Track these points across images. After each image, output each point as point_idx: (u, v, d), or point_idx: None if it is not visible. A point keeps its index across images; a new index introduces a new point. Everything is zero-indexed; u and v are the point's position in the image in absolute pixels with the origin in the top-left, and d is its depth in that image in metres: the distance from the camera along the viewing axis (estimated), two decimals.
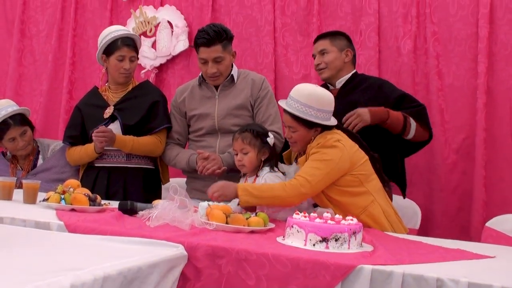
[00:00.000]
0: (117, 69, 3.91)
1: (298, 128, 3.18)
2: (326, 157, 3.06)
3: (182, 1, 5.02)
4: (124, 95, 3.98)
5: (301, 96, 3.14)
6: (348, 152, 3.10)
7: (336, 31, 3.98)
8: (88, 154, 3.90)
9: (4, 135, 4.08)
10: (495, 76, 4.10)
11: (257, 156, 3.32)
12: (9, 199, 3.43)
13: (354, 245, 2.44)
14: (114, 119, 3.92)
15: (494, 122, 4.08)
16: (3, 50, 5.61)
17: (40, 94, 5.41)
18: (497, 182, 4.08)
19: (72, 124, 4.07)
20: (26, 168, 4.17)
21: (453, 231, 4.11)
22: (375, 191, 3.18)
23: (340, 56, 3.80)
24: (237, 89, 3.81)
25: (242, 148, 3.32)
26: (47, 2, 5.47)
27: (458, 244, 2.80)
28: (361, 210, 3.11)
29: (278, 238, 2.58)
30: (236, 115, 3.77)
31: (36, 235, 2.48)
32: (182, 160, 3.81)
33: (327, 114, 3.17)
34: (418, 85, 4.27)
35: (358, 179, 3.13)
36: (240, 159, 3.34)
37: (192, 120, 3.87)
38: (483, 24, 4.08)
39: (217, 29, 3.69)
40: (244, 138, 3.32)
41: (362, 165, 3.16)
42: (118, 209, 3.05)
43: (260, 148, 3.31)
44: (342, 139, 3.13)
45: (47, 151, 4.22)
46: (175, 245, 2.35)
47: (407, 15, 4.33)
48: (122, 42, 3.91)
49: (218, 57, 3.70)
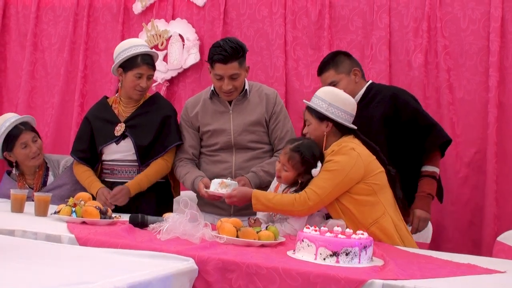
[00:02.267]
0: (134, 86, 3.87)
1: (311, 120, 3.27)
2: (337, 167, 3.08)
3: (193, 15, 5.04)
4: (135, 110, 3.95)
5: (320, 91, 3.33)
6: (363, 160, 3.11)
7: (334, 54, 3.91)
8: (89, 190, 3.85)
9: (16, 141, 4.03)
10: (506, 90, 4.09)
11: (295, 178, 3.22)
12: (21, 212, 3.44)
13: (364, 259, 2.44)
14: (125, 136, 3.89)
15: (506, 136, 4.07)
16: (16, 63, 5.64)
17: (52, 107, 5.43)
18: (508, 196, 4.06)
19: (81, 136, 4.04)
20: (36, 185, 4.12)
21: (465, 245, 4.09)
22: (387, 204, 3.18)
23: (350, 80, 3.77)
24: (251, 103, 3.79)
25: (284, 165, 3.21)
26: (60, 16, 5.51)
27: (469, 258, 2.79)
28: (372, 222, 3.10)
29: (289, 252, 2.58)
30: (252, 131, 3.75)
31: (47, 248, 2.49)
32: (188, 180, 3.75)
33: (340, 112, 3.22)
34: (429, 99, 4.26)
35: (372, 188, 3.13)
36: (278, 171, 3.25)
37: (206, 135, 3.82)
38: (494, 38, 4.08)
39: (234, 45, 3.64)
40: (291, 158, 3.17)
41: (377, 175, 3.16)
42: (129, 222, 3.06)
43: (301, 173, 3.19)
44: (357, 148, 3.14)
45: (57, 168, 4.18)
46: (186, 258, 2.35)
47: (418, 29, 4.33)
48: (142, 60, 3.86)
49: (234, 74, 3.65)
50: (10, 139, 4.05)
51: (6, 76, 5.69)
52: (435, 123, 3.74)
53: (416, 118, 3.67)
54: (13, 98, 5.61)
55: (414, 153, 3.65)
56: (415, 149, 3.63)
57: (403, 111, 3.66)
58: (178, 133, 3.90)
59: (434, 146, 3.69)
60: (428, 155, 3.69)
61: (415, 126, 3.65)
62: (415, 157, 3.66)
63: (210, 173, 3.72)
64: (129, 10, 5.26)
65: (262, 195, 3.18)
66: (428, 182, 3.66)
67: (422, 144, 3.65)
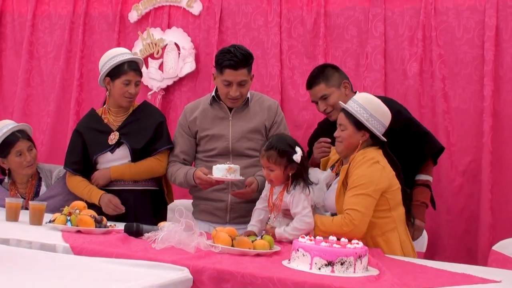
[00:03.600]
0: (122, 93, 3.88)
1: (347, 126, 3.21)
2: (364, 180, 3.06)
3: (189, 24, 5.05)
4: (126, 119, 3.96)
5: (361, 98, 3.24)
6: (387, 173, 3.12)
7: (323, 67, 3.89)
8: (90, 198, 3.85)
9: (12, 148, 4.02)
10: (501, 98, 4.11)
11: (284, 173, 3.22)
12: (16, 220, 3.43)
13: (359, 269, 2.43)
14: (119, 144, 3.89)
15: (501, 144, 4.08)
16: (12, 71, 5.64)
17: (47, 115, 5.43)
18: (503, 205, 4.07)
19: (73, 149, 4.02)
20: (28, 194, 4.09)
21: (460, 254, 4.09)
22: (398, 221, 3.18)
23: (341, 93, 3.75)
24: (251, 112, 3.80)
25: (268, 166, 3.23)
26: (56, 24, 5.51)
27: (464, 268, 2.79)
28: (379, 233, 3.11)
29: (284, 261, 2.57)
30: (250, 138, 3.75)
31: (41, 257, 2.48)
32: (180, 174, 3.75)
33: (379, 125, 3.18)
34: (424, 108, 4.27)
35: (388, 203, 3.12)
36: (267, 175, 3.27)
37: (204, 140, 3.82)
38: (489, 47, 4.10)
39: (244, 52, 3.67)
40: (269, 157, 3.20)
41: (395, 191, 3.15)
42: (124, 231, 3.05)
43: (286, 166, 3.19)
44: (381, 161, 3.14)
45: (50, 178, 4.17)
46: (181, 268, 2.35)
47: (413, 38, 4.35)
48: (129, 67, 3.88)
49: (243, 81, 3.67)
50: (6, 146, 4.04)
51: (2, 84, 5.70)
52: (428, 131, 3.76)
53: (409, 126, 3.69)
54: (8, 106, 5.61)
55: (407, 161, 3.65)
56: (408, 157, 3.63)
57: (395, 120, 3.67)
58: (169, 138, 3.94)
59: (428, 155, 3.72)
60: (422, 163, 3.72)
61: (408, 135, 3.65)
62: (407, 165, 3.67)
63: None
64: (125, 19, 5.26)
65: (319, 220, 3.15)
66: (422, 191, 3.69)
67: (416, 152, 3.67)
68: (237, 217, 3.70)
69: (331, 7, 4.59)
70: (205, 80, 4.92)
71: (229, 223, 3.64)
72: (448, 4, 4.28)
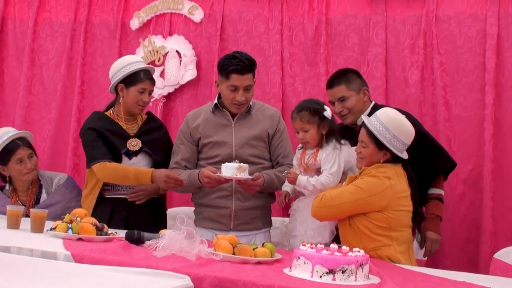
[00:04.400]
0: (136, 101, 3.87)
1: (369, 144, 3.17)
2: (363, 185, 3.06)
3: (190, 31, 5.06)
4: (140, 127, 3.97)
5: (384, 116, 3.17)
6: (392, 193, 3.06)
7: (346, 70, 3.88)
8: (138, 178, 3.74)
9: (12, 156, 4.02)
10: (502, 106, 4.12)
11: (318, 132, 3.41)
12: (17, 228, 3.43)
13: (361, 277, 2.43)
14: (137, 152, 3.88)
15: (502, 152, 4.08)
16: (13, 78, 5.65)
17: (49, 122, 5.43)
18: (505, 213, 4.07)
19: (96, 144, 3.85)
20: (28, 202, 4.09)
21: (462, 262, 4.09)
22: (398, 242, 3.10)
23: (360, 98, 3.74)
24: (253, 119, 3.80)
25: (302, 127, 3.42)
26: (57, 31, 5.52)
27: (465, 276, 2.78)
28: (369, 248, 3.00)
29: (285, 269, 2.57)
30: (253, 145, 3.74)
31: (42, 265, 2.48)
32: (183, 175, 3.69)
33: (401, 145, 3.13)
34: (425, 116, 4.27)
35: (388, 222, 3.06)
36: (302, 137, 3.43)
37: (207, 147, 3.79)
38: (490, 55, 4.10)
39: (249, 58, 3.70)
40: (302, 117, 3.41)
41: (401, 212, 3.10)
42: (125, 238, 3.05)
43: (319, 124, 3.41)
44: (392, 178, 3.08)
45: (50, 186, 4.16)
46: (182, 276, 2.34)
47: (414, 46, 4.36)
48: (145, 75, 3.88)
49: (249, 86, 3.68)
50: (6, 153, 4.04)
51: (3, 91, 5.71)
52: (442, 147, 3.79)
53: (424, 140, 3.67)
54: (10, 113, 5.61)
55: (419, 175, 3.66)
56: (420, 171, 3.63)
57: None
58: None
59: (442, 170, 3.75)
60: (434, 178, 3.74)
61: (423, 149, 3.64)
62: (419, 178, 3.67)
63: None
64: (126, 26, 5.28)
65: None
66: (436, 204, 3.71)
67: (428, 167, 3.67)
68: (241, 223, 3.69)
69: (332, 15, 4.60)
70: (206, 88, 4.92)
71: (233, 230, 3.63)
72: (449, 12, 4.29)
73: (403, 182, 3.15)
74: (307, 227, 3.37)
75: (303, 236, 3.35)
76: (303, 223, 3.41)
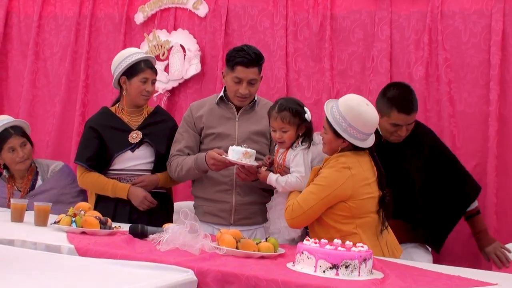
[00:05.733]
0: (140, 91, 3.89)
1: (328, 131, 3.20)
2: (324, 182, 3.08)
3: (195, 26, 5.05)
4: (145, 120, 3.98)
5: (342, 104, 3.15)
6: (354, 182, 3.09)
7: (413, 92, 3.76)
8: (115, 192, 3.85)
9: (4, 144, 4.07)
10: (507, 103, 4.10)
11: (296, 133, 3.40)
12: (21, 221, 3.44)
13: (364, 272, 2.43)
14: (140, 144, 3.90)
15: (506, 149, 4.07)
16: (17, 72, 5.65)
17: (53, 116, 5.43)
18: (509, 210, 4.06)
19: (88, 144, 3.96)
20: (24, 188, 4.14)
21: (465, 258, 4.08)
22: (366, 228, 3.13)
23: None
24: (257, 115, 3.80)
25: (281, 127, 3.39)
26: (62, 25, 5.52)
27: (462, 271, 2.79)
28: (338, 237, 2.89)
29: (288, 264, 2.58)
30: (256, 140, 3.74)
31: (46, 258, 2.48)
32: (188, 160, 3.69)
33: (359, 134, 3.12)
34: (429, 112, 4.26)
35: (350, 211, 3.10)
36: (280, 137, 3.41)
37: (209, 138, 3.79)
38: (495, 51, 4.09)
39: (256, 52, 3.71)
40: (283, 117, 3.37)
41: (364, 200, 3.12)
42: (129, 232, 3.06)
43: (299, 125, 3.40)
44: (353, 168, 3.10)
45: (46, 172, 4.20)
46: (185, 270, 2.35)
47: (419, 42, 4.34)
48: (145, 65, 3.91)
49: (253, 79, 3.69)
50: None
51: (8, 85, 5.71)
52: (469, 173, 3.90)
53: (455, 165, 3.83)
54: (14, 107, 5.61)
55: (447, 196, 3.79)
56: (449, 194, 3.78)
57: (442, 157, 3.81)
58: None
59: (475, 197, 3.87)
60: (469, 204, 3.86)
61: (454, 173, 3.81)
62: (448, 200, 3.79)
63: (209, 179, 3.73)
64: (131, 20, 5.27)
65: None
66: (480, 218, 3.86)
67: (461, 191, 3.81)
68: (241, 218, 3.69)
69: (337, 10, 4.59)
70: (211, 82, 4.92)
71: (233, 225, 3.64)
72: (454, 8, 4.27)
73: (367, 170, 3.16)
74: (280, 226, 3.41)
75: (278, 234, 3.39)
76: (275, 221, 3.45)
